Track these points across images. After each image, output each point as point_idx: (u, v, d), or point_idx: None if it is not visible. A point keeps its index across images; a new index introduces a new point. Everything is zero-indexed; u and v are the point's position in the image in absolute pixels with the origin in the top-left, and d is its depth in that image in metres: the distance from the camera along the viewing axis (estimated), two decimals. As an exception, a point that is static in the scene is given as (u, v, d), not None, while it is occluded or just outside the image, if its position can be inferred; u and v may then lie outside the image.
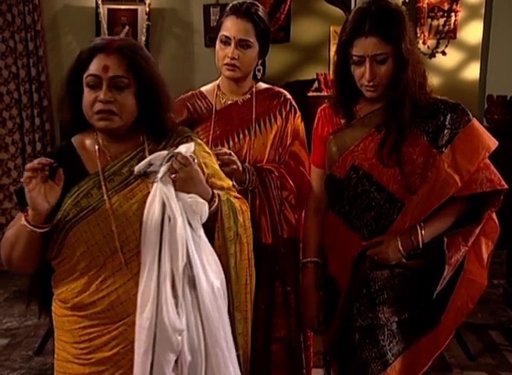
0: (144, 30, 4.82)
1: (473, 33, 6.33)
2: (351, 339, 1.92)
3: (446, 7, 6.30)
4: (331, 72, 6.51)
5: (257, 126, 2.25)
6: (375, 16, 1.77)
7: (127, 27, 4.84)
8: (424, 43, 6.00)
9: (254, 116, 2.25)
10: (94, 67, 1.61)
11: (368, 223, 1.88)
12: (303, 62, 6.09)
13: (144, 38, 4.81)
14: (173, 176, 1.59)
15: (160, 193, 1.58)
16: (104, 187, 1.63)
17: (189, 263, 1.57)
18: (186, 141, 1.71)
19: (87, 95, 1.62)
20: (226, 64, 2.19)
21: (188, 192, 1.61)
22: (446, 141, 1.81)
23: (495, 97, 4.90)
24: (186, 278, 1.57)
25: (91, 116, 1.62)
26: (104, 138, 1.69)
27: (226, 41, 2.18)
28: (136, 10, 4.82)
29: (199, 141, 1.81)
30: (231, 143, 2.23)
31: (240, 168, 2.13)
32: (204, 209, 1.63)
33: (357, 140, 1.89)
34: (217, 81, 2.34)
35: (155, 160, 1.61)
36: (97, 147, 1.68)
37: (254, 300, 2.20)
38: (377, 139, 1.86)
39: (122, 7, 4.79)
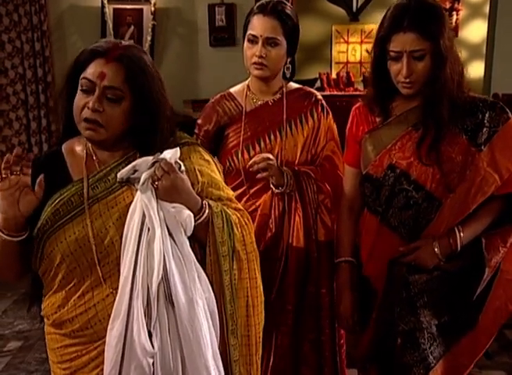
0: (150, 30, 4.81)
1: (475, 31, 6.37)
2: (393, 344, 1.90)
3: (448, 6, 6.33)
4: (333, 71, 6.58)
5: (288, 128, 2.22)
6: (414, 12, 1.75)
7: (132, 27, 4.83)
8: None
9: (284, 116, 2.22)
10: (90, 71, 1.51)
11: (406, 222, 1.87)
12: (305, 62, 6.10)
13: (149, 38, 4.81)
14: (156, 183, 1.48)
15: (140, 202, 1.49)
16: (85, 194, 1.53)
17: (166, 279, 1.45)
18: (183, 146, 1.60)
19: (78, 99, 1.52)
20: (254, 63, 2.16)
21: (172, 201, 1.50)
22: (484, 139, 1.80)
23: (500, 95, 4.92)
24: (163, 295, 1.45)
25: (79, 122, 1.52)
26: (94, 145, 1.60)
27: (253, 40, 2.15)
28: (141, 10, 4.82)
29: (198, 147, 1.69)
30: (262, 144, 2.20)
31: (278, 171, 2.12)
32: (190, 221, 1.50)
33: (394, 138, 1.88)
34: (246, 82, 2.31)
35: (140, 166, 1.50)
36: (85, 152, 1.59)
37: (283, 301, 2.19)
38: (414, 138, 1.85)
39: (128, 7, 4.79)
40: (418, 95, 1.85)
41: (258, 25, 2.15)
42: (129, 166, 1.51)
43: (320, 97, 2.32)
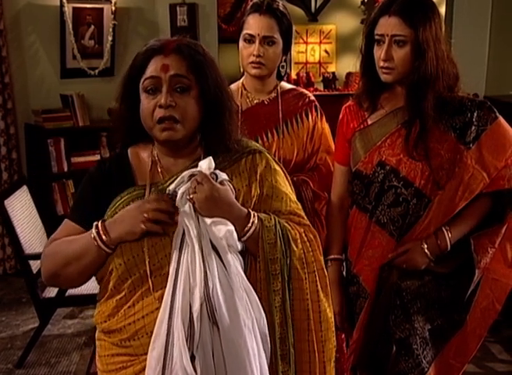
0: (111, 30, 4.71)
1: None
2: (387, 351, 1.90)
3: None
4: (292, 71, 6.58)
5: (284, 127, 2.25)
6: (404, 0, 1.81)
7: (92, 27, 4.72)
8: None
9: (280, 115, 2.24)
10: (151, 69, 1.46)
11: (395, 219, 1.88)
12: (265, 62, 6.09)
13: (110, 38, 4.70)
14: (191, 196, 1.41)
15: (180, 217, 1.43)
16: None
17: (208, 299, 1.35)
18: (248, 155, 1.55)
19: (146, 102, 1.46)
20: (252, 62, 2.17)
21: (211, 214, 1.41)
22: (473, 137, 1.83)
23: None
24: (206, 315, 1.36)
25: (152, 126, 1.47)
26: (161, 151, 1.55)
27: (250, 39, 2.17)
28: (101, 9, 4.70)
29: (265, 155, 1.59)
30: (260, 143, 2.20)
31: None
32: (230, 236, 1.41)
33: (383, 135, 1.91)
34: (239, 81, 2.32)
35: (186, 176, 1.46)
36: (150, 160, 1.55)
37: None
38: (404, 135, 1.87)
39: (88, 6, 4.66)
40: (404, 89, 1.88)
41: (254, 24, 2.15)
42: (178, 178, 1.45)
43: (313, 98, 2.35)
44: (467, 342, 1.91)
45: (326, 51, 6.75)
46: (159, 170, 1.54)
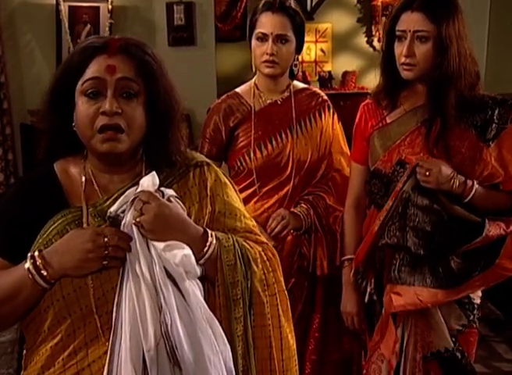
0: (107, 29, 4.65)
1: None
2: (383, 256, 1.90)
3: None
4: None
5: (298, 127, 2.22)
6: None
7: (89, 26, 4.67)
8: (379, 41, 6.10)
9: (294, 115, 2.21)
10: (93, 69, 1.27)
11: None
12: (260, 61, 6.07)
13: (107, 37, 4.65)
14: (137, 220, 1.23)
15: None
16: (85, 225, 1.28)
17: (167, 336, 1.18)
18: (195, 169, 1.41)
19: (85, 108, 1.26)
20: (265, 61, 2.14)
21: (163, 237, 1.24)
22: (493, 135, 1.81)
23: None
24: (165, 356, 1.18)
25: (91, 136, 1.27)
26: (96, 166, 1.36)
27: (263, 38, 2.14)
28: (98, 8, 4.64)
29: (213, 168, 1.45)
30: (274, 143, 2.19)
31: (294, 219, 2.15)
32: (187, 261, 1.23)
33: (403, 134, 1.88)
34: (251, 81, 2.30)
35: (129, 198, 1.28)
36: (83, 177, 1.35)
37: (307, 326, 2.16)
38: (424, 134, 1.85)
39: (84, 4, 4.60)
40: (425, 87, 1.85)
41: (267, 22, 2.13)
42: (119, 200, 1.27)
43: (326, 97, 2.33)
44: (440, 296, 1.84)
45: (322, 50, 6.71)
46: (96, 189, 1.35)
